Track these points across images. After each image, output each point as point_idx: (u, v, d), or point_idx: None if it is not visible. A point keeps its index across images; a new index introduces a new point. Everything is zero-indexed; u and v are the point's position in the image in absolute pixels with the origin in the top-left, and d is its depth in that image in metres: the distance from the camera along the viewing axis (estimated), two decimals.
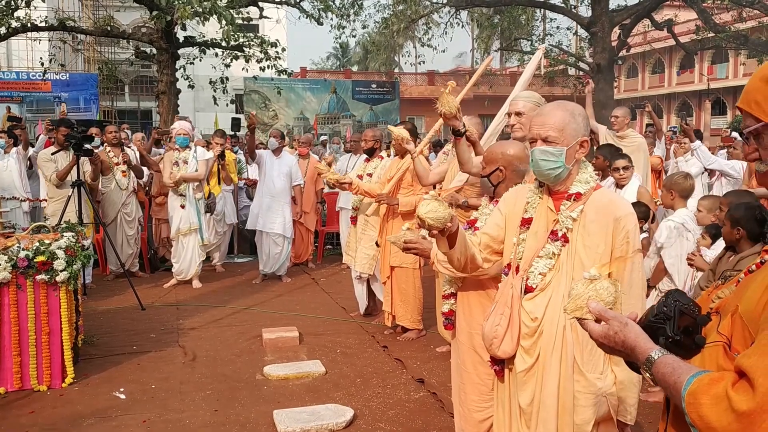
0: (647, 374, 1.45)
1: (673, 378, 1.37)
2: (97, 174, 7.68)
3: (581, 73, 23.02)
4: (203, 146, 8.51)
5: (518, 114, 3.81)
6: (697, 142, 7.86)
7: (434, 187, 5.49)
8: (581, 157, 2.52)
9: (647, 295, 3.40)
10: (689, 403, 1.30)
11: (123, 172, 8.18)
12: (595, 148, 6.78)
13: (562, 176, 2.50)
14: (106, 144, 8.38)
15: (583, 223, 2.46)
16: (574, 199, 2.49)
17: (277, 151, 8.44)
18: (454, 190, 4.84)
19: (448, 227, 2.46)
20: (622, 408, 2.49)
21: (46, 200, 7.70)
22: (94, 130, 8.51)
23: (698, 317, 1.49)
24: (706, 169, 8.96)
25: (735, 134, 8.94)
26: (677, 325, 1.46)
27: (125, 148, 8.39)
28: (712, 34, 19.67)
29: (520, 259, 2.56)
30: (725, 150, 9.93)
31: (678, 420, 1.43)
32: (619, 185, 5.72)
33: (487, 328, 2.60)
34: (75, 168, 6.93)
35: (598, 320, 1.58)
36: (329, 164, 9.78)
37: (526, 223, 2.58)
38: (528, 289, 2.50)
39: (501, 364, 2.62)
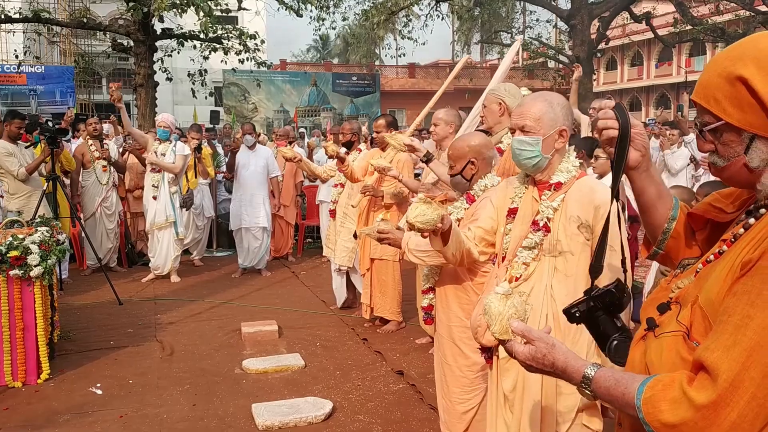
0: (587, 392, 1.41)
1: (620, 389, 1.33)
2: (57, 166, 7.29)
3: (561, 65, 23.12)
4: (184, 142, 8.48)
5: (484, 107, 4.06)
6: (691, 135, 7.84)
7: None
8: (562, 147, 2.54)
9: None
10: (648, 412, 1.26)
11: (104, 167, 8.14)
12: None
13: (541, 165, 2.52)
14: (87, 136, 8.29)
15: (564, 212, 2.48)
16: (555, 189, 2.52)
17: (252, 146, 8.42)
18: (431, 184, 4.85)
19: (439, 227, 2.52)
20: None
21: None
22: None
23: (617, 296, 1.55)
24: (691, 161, 9.01)
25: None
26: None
27: (104, 143, 8.30)
28: (690, 27, 19.85)
29: (506, 249, 2.60)
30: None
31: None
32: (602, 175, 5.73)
33: (472, 317, 2.64)
34: (48, 162, 6.81)
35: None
36: (311, 149, 9.78)
37: (512, 213, 2.62)
38: (512, 279, 2.53)
39: (490, 352, 2.65)
